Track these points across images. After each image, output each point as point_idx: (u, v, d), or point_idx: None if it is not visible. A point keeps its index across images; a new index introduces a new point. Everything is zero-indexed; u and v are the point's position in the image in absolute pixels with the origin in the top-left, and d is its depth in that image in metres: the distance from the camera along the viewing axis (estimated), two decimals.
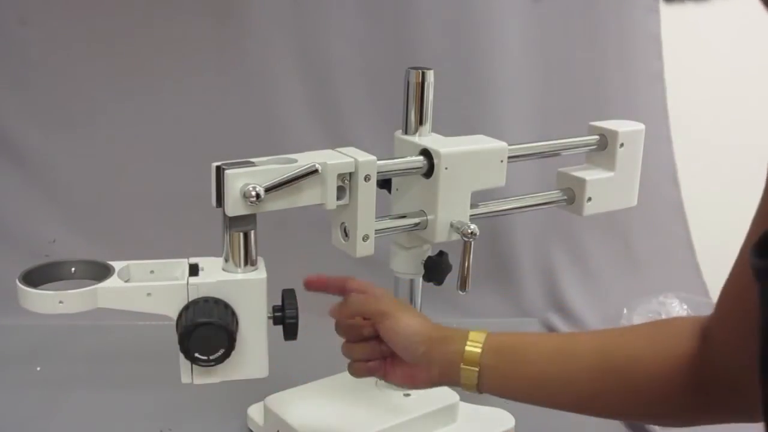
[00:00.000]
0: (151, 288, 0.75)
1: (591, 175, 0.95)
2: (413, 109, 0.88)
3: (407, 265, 0.91)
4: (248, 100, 1.34)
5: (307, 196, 0.77)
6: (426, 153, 0.85)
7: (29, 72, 1.31)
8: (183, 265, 0.79)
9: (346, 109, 1.36)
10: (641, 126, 0.98)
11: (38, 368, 1.14)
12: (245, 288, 0.77)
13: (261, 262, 0.79)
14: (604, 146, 0.96)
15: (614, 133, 0.95)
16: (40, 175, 1.34)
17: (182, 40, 1.31)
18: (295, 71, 1.34)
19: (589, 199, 0.95)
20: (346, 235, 0.82)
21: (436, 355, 0.76)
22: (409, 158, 0.85)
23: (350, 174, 0.79)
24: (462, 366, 0.73)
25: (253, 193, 0.72)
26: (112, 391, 1.08)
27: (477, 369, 0.73)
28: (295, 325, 0.80)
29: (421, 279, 0.92)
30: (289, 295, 0.81)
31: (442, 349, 0.76)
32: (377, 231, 0.83)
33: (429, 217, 0.86)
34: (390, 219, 0.86)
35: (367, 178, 0.79)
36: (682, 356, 0.64)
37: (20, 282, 0.74)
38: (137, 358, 1.16)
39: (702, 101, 1.48)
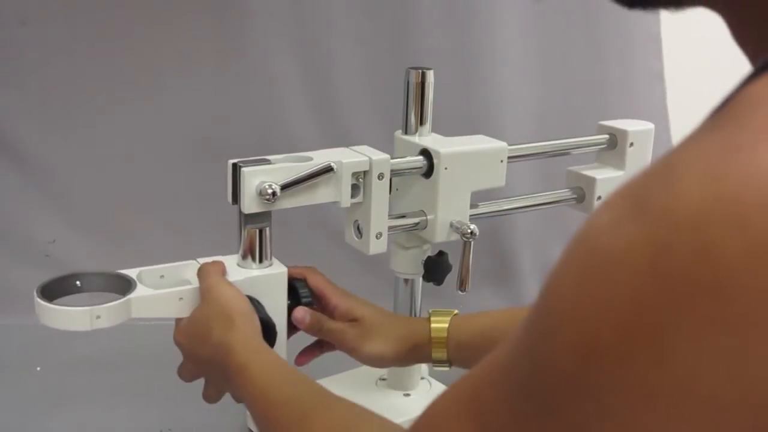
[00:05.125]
0: (182, 293, 0.75)
1: (601, 174, 0.96)
2: (413, 109, 0.88)
3: (407, 265, 0.91)
4: (248, 99, 1.34)
5: (322, 194, 0.78)
6: (426, 153, 0.85)
7: (29, 72, 1.31)
8: (193, 266, 0.79)
9: (346, 109, 1.35)
10: (651, 125, 0.99)
11: (38, 368, 1.14)
12: (269, 283, 0.78)
13: (273, 257, 0.80)
14: (614, 145, 0.97)
15: (624, 133, 0.96)
16: (40, 175, 1.34)
17: (182, 40, 1.31)
18: (295, 71, 1.34)
19: (599, 197, 0.96)
20: (360, 232, 0.82)
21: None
22: (408, 158, 0.85)
23: (364, 172, 0.79)
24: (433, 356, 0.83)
25: (269, 191, 0.73)
26: (113, 390, 1.08)
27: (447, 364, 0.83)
28: (310, 304, 0.82)
29: (421, 279, 0.92)
30: (299, 284, 0.82)
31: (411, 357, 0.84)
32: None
33: (429, 217, 0.86)
34: (390, 219, 0.86)
35: (380, 176, 0.80)
36: None
37: (44, 300, 0.71)
38: (137, 357, 1.16)
39: (702, 101, 1.48)
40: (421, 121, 0.88)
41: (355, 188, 0.79)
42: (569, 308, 0.33)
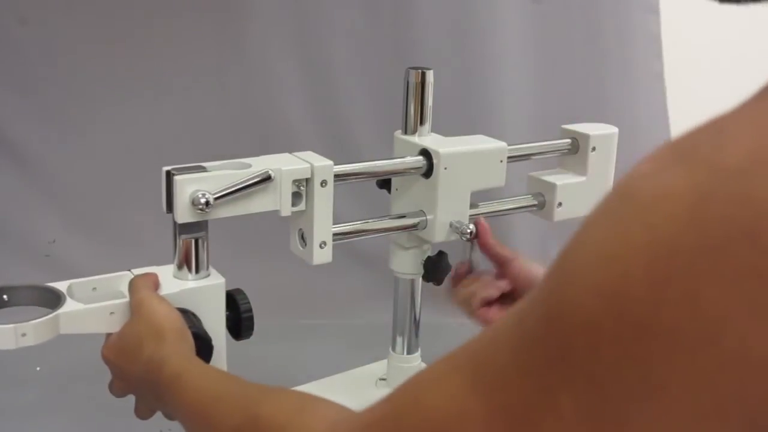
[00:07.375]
0: (113, 307, 0.71)
1: (562, 179, 0.92)
2: (413, 109, 0.88)
3: (407, 265, 0.91)
4: (248, 100, 1.34)
5: (261, 202, 0.74)
6: (425, 153, 0.85)
7: (29, 72, 1.31)
8: (127, 278, 0.74)
9: (346, 109, 1.36)
10: (614, 129, 0.94)
11: (38, 368, 1.14)
12: (206, 294, 0.74)
13: (211, 268, 0.76)
14: (576, 150, 0.93)
15: (586, 137, 0.92)
16: (40, 175, 1.34)
17: (182, 41, 1.32)
18: (295, 71, 1.34)
19: (560, 204, 0.92)
20: (304, 241, 0.80)
21: None
22: (408, 158, 0.85)
23: (306, 179, 0.76)
24: None
25: (203, 201, 0.69)
26: None
27: None
28: (251, 319, 0.76)
29: (420, 279, 0.92)
30: (237, 293, 0.77)
31: None
32: (380, 231, 0.83)
33: (428, 217, 0.86)
34: (389, 219, 0.86)
35: (323, 183, 0.76)
36: None
37: None
38: None
39: (702, 101, 1.48)
40: (421, 121, 0.88)
41: (297, 196, 0.76)
42: (600, 248, 0.32)
